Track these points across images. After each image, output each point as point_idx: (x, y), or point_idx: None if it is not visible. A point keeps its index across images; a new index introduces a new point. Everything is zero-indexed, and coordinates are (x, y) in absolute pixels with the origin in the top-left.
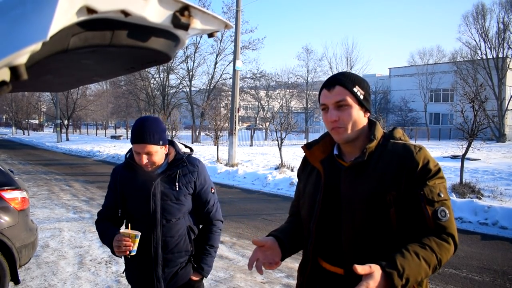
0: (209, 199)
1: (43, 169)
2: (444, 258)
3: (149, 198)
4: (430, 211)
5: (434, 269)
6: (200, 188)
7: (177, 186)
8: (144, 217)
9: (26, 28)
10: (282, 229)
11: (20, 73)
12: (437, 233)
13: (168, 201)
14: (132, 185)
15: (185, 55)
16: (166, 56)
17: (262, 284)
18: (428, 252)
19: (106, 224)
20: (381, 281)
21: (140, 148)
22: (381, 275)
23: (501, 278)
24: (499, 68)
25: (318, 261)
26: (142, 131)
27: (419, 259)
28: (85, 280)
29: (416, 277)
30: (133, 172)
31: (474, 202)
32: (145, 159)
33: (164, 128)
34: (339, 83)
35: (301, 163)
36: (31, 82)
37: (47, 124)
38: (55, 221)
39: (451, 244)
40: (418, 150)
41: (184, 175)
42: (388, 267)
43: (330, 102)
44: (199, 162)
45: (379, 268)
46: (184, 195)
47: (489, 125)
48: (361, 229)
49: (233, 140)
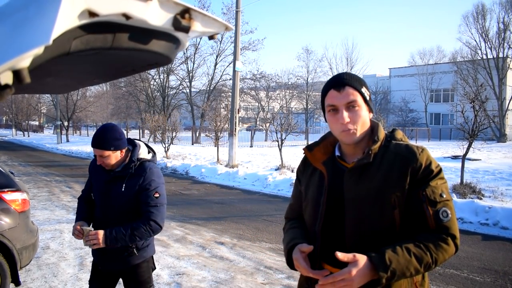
0: (149, 201)
1: (44, 170)
2: (440, 258)
3: (103, 192)
4: (431, 212)
5: (426, 267)
6: (142, 190)
7: (123, 186)
8: (99, 206)
9: (29, 32)
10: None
11: (23, 76)
12: (438, 233)
13: (116, 197)
14: (96, 178)
15: (185, 56)
16: (167, 58)
17: (262, 285)
18: (421, 250)
19: (81, 206)
20: (365, 270)
21: (95, 151)
22: (365, 264)
23: (502, 279)
24: (499, 68)
25: (322, 264)
26: (97, 138)
27: (409, 256)
28: (85, 282)
29: (403, 272)
30: (100, 167)
31: (475, 203)
32: (100, 161)
33: (118, 136)
34: (348, 84)
35: (300, 164)
36: (33, 84)
37: (47, 125)
38: (56, 223)
39: (450, 244)
40: (421, 151)
41: (132, 178)
42: (375, 259)
43: (341, 103)
44: (150, 169)
45: (365, 258)
46: (129, 195)
47: (490, 125)
48: (366, 230)
49: (233, 141)
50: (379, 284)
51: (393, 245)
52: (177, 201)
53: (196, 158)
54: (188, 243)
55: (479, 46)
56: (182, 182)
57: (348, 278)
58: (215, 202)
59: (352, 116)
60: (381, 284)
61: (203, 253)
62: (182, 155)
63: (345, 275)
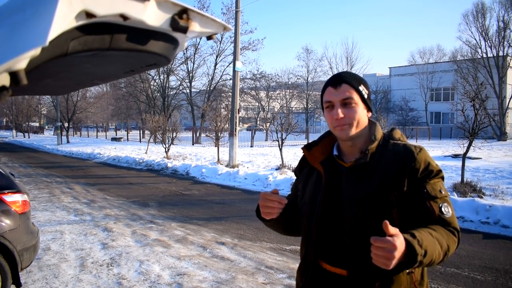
0: None
1: (44, 171)
2: (451, 247)
3: None
4: (435, 207)
5: (444, 254)
6: None
7: None
8: None
9: (25, 34)
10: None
11: (20, 78)
12: (444, 226)
13: None
14: None
15: (185, 56)
16: (165, 58)
17: (264, 285)
18: (439, 235)
19: None
20: (402, 246)
21: None
22: (402, 242)
23: (503, 277)
24: (499, 66)
25: (319, 262)
26: None
27: (433, 238)
28: (86, 283)
29: (432, 252)
30: None
31: (476, 201)
32: None
33: None
34: (345, 81)
35: (298, 164)
36: (31, 86)
37: (47, 126)
38: (56, 224)
39: (457, 237)
40: (418, 150)
41: None
42: (409, 236)
43: (337, 100)
44: None
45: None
46: None
47: (490, 123)
48: (365, 229)
49: (234, 141)
50: (414, 263)
51: (414, 229)
52: (177, 202)
53: (196, 158)
54: (189, 244)
55: (479, 45)
56: (182, 182)
57: (390, 247)
58: (216, 202)
59: (347, 113)
60: (416, 262)
61: (204, 253)
62: (182, 155)
63: (388, 244)
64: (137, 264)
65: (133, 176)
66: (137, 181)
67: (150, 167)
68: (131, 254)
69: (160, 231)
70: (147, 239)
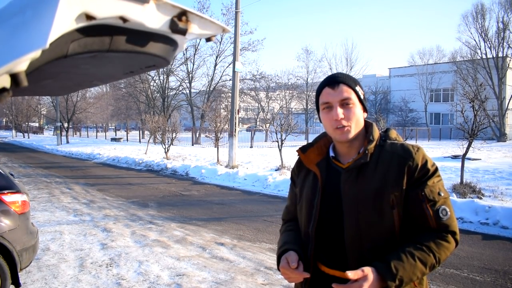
0: None
1: (44, 172)
2: (443, 256)
3: None
4: (432, 212)
5: (431, 267)
6: None
7: None
8: None
9: (26, 36)
10: (294, 240)
11: (20, 79)
12: (439, 231)
13: None
14: None
15: (184, 57)
16: (165, 60)
17: (263, 285)
18: (424, 253)
19: None
20: (374, 282)
21: None
22: (374, 277)
23: (503, 278)
24: (499, 67)
25: (318, 265)
26: None
27: (414, 260)
28: (86, 283)
29: (410, 277)
30: None
31: (475, 202)
32: None
33: None
34: (343, 82)
35: (294, 166)
36: (31, 87)
37: (47, 127)
38: (56, 224)
39: (451, 241)
40: (416, 150)
41: None
42: (381, 269)
43: (335, 100)
44: None
45: (372, 270)
46: None
47: (490, 124)
48: (365, 230)
49: (233, 141)
50: None
51: (396, 252)
52: (177, 202)
53: (196, 159)
54: (188, 244)
55: (479, 46)
56: (182, 183)
57: None
58: (215, 203)
59: (346, 113)
60: None
61: (203, 254)
62: (182, 156)
63: None
64: (137, 265)
65: (133, 177)
66: (137, 182)
67: (150, 167)
68: (131, 255)
69: (159, 231)
70: (146, 239)
